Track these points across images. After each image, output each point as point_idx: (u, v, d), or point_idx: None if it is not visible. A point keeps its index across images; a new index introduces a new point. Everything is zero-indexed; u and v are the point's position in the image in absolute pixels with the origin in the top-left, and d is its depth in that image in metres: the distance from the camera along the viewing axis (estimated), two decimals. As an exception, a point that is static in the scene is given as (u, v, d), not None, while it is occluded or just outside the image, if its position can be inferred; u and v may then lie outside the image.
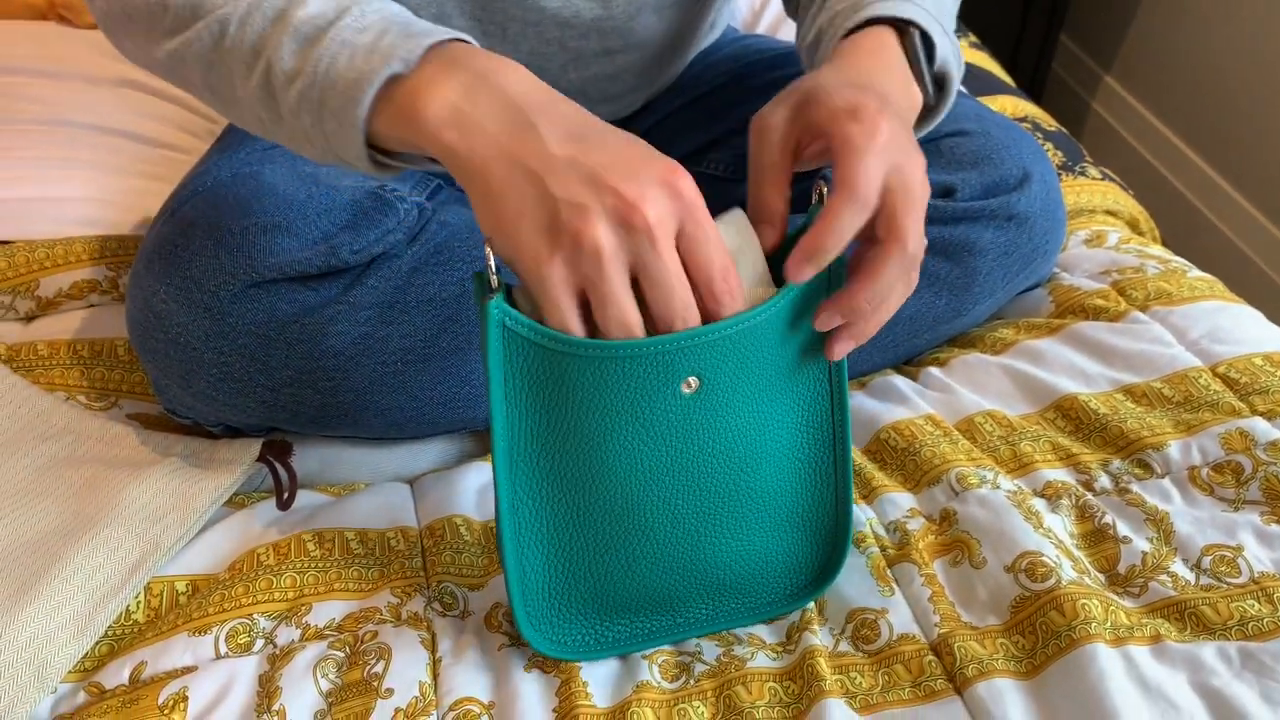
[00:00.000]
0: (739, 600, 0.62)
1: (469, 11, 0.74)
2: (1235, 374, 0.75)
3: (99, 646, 0.61)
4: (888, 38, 0.60)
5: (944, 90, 0.64)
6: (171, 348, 0.67)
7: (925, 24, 0.61)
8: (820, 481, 0.61)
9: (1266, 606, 0.62)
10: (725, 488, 0.58)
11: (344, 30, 0.52)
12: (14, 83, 1.00)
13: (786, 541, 0.62)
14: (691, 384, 0.53)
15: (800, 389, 0.59)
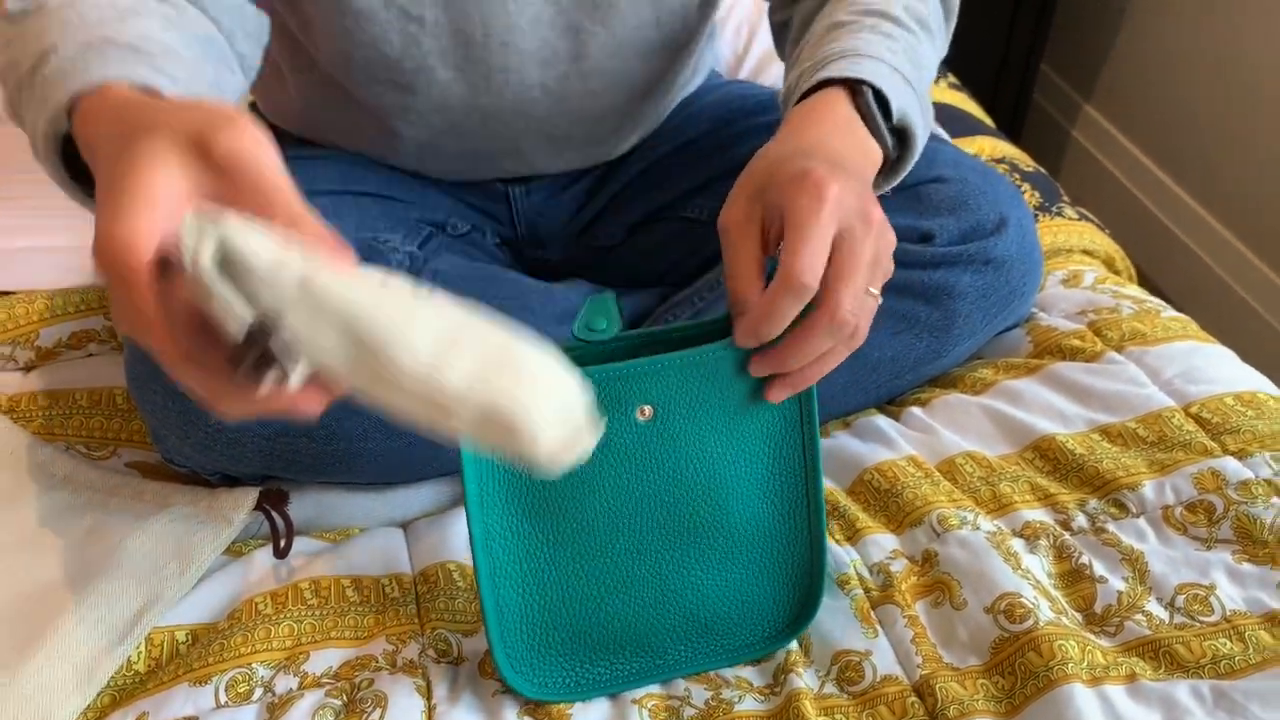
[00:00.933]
0: (716, 641, 0.64)
1: (452, 64, 0.76)
2: (1207, 414, 0.77)
3: (101, 697, 0.62)
4: (838, 98, 0.62)
5: (907, 142, 0.66)
6: (170, 400, 0.69)
7: (877, 81, 0.62)
8: (793, 519, 0.63)
9: (1238, 645, 0.64)
10: (692, 521, 0.60)
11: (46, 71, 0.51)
12: (12, 133, 1.02)
13: (761, 581, 0.63)
14: (646, 412, 0.57)
15: (768, 427, 0.61)
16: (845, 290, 0.53)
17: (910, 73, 0.66)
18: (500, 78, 0.77)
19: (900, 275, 0.78)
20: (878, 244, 0.55)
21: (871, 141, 0.63)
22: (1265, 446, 0.74)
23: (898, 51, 0.66)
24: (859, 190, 0.55)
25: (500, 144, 0.84)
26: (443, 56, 0.76)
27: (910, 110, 0.64)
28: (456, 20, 0.74)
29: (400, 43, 0.74)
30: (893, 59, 0.65)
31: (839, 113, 0.62)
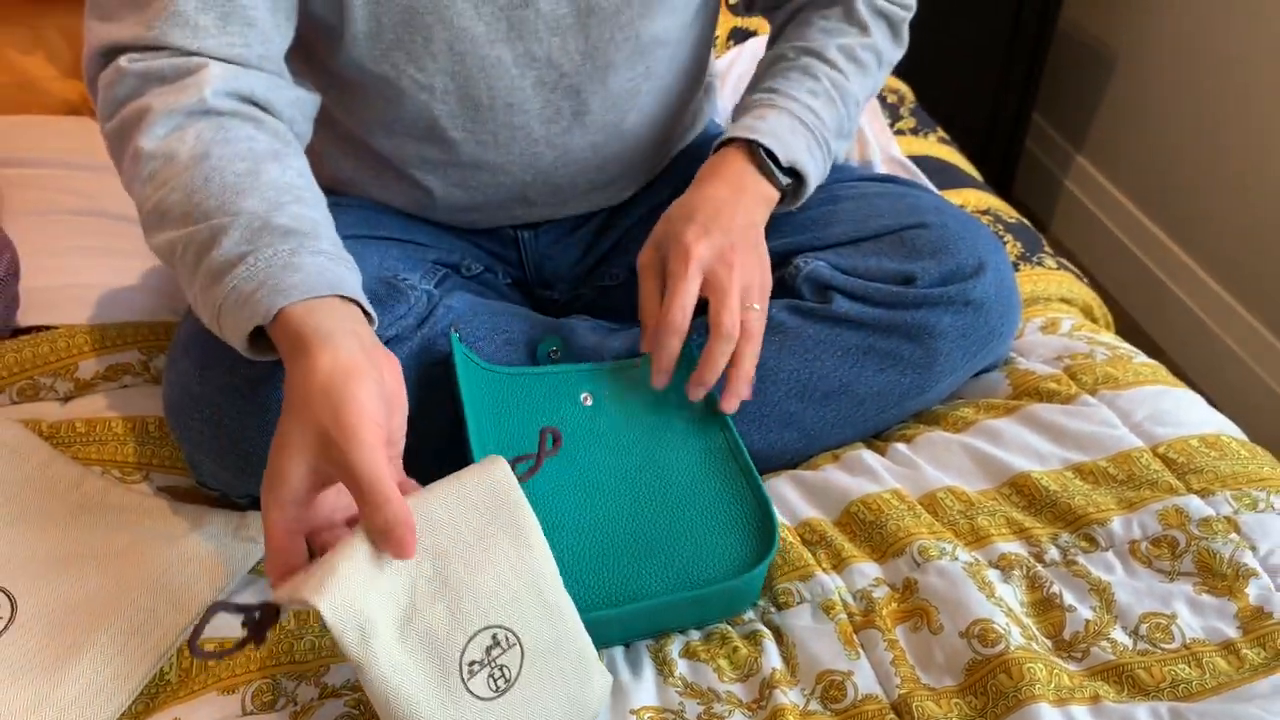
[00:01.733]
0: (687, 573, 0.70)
1: (462, 126, 0.83)
2: (1174, 454, 0.82)
3: (136, 704, 0.67)
4: (735, 155, 0.82)
5: (801, 177, 0.84)
6: (207, 426, 0.74)
7: (769, 141, 0.80)
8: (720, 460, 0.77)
9: (1195, 670, 0.68)
10: (642, 471, 0.76)
11: (236, 279, 0.63)
12: (52, 175, 1.08)
13: (713, 517, 0.74)
14: (587, 399, 0.79)
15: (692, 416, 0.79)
16: (722, 313, 0.74)
17: (823, 110, 0.84)
18: (506, 135, 0.84)
19: (884, 315, 0.83)
20: (745, 274, 0.76)
21: (766, 185, 0.82)
22: (1226, 486, 0.79)
23: (818, 93, 0.85)
24: (721, 241, 0.76)
25: (509, 194, 0.90)
26: (452, 119, 0.82)
27: (801, 156, 0.82)
28: (464, 88, 0.80)
29: (413, 107, 0.80)
30: (803, 102, 0.84)
31: (733, 167, 0.81)
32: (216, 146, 0.66)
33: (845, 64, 0.86)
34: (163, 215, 0.66)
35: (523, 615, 0.59)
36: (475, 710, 0.57)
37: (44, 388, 0.88)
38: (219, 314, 0.64)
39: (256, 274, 0.62)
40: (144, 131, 0.67)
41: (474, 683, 0.57)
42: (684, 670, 0.70)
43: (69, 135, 1.15)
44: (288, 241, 0.64)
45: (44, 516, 0.77)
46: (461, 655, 0.57)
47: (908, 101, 1.38)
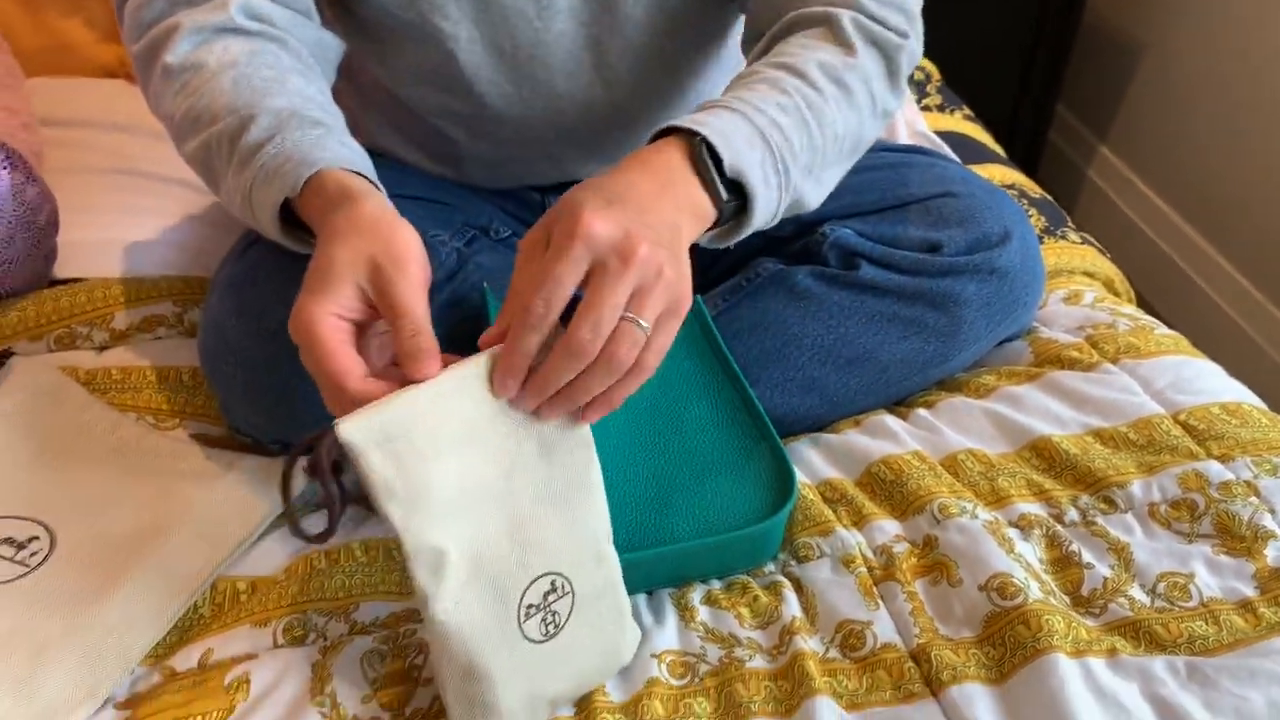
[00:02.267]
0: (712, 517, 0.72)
1: (486, 77, 0.84)
2: (1194, 421, 0.83)
3: (171, 635, 0.68)
4: (671, 147, 0.63)
5: (746, 200, 0.65)
6: (239, 371, 0.76)
7: (712, 136, 0.62)
8: (744, 433, 0.77)
9: (1212, 627, 0.69)
10: (662, 432, 0.76)
11: (264, 158, 0.65)
12: (90, 135, 1.10)
13: (733, 469, 0.75)
14: None
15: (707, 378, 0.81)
16: (583, 319, 0.54)
17: (791, 131, 0.67)
18: (529, 87, 0.85)
19: (910, 282, 0.84)
20: (642, 279, 0.55)
21: (700, 193, 0.63)
22: (1247, 452, 0.79)
23: (788, 109, 0.67)
24: (627, 225, 0.55)
25: (533, 150, 0.91)
26: (477, 70, 0.83)
27: (748, 167, 0.64)
28: (489, 35, 0.81)
29: (438, 55, 0.81)
30: (769, 115, 0.66)
31: (664, 159, 0.63)
32: (244, 56, 0.69)
33: (825, 82, 0.70)
34: (195, 120, 0.68)
35: (579, 563, 0.61)
36: (524, 651, 0.59)
37: (80, 336, 0.90)
38: (249, 193, 0.65)
39: (284, 150, 0.64)
40: (171, 48, 0.69)
41: (528, 625, 0.59)
42: (705, 616, 0.71)
43: (107, 97, 1.17)
44: (315, 129, 0.66)
45: (81, 458, 0.78)
46: (522, 598, 0.58)
47: (934, 79, 1.39)
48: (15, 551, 0.70)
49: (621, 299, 0.54)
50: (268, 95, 0.67)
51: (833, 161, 0.73)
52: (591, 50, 0.83)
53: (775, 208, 0.68)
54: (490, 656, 0.58)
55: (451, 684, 0.59)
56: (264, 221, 0.66)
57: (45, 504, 0.74)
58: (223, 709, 0.63)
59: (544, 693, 0.62)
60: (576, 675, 0.63)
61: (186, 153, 0.71)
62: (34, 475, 0.77)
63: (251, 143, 0.65)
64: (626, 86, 0.86)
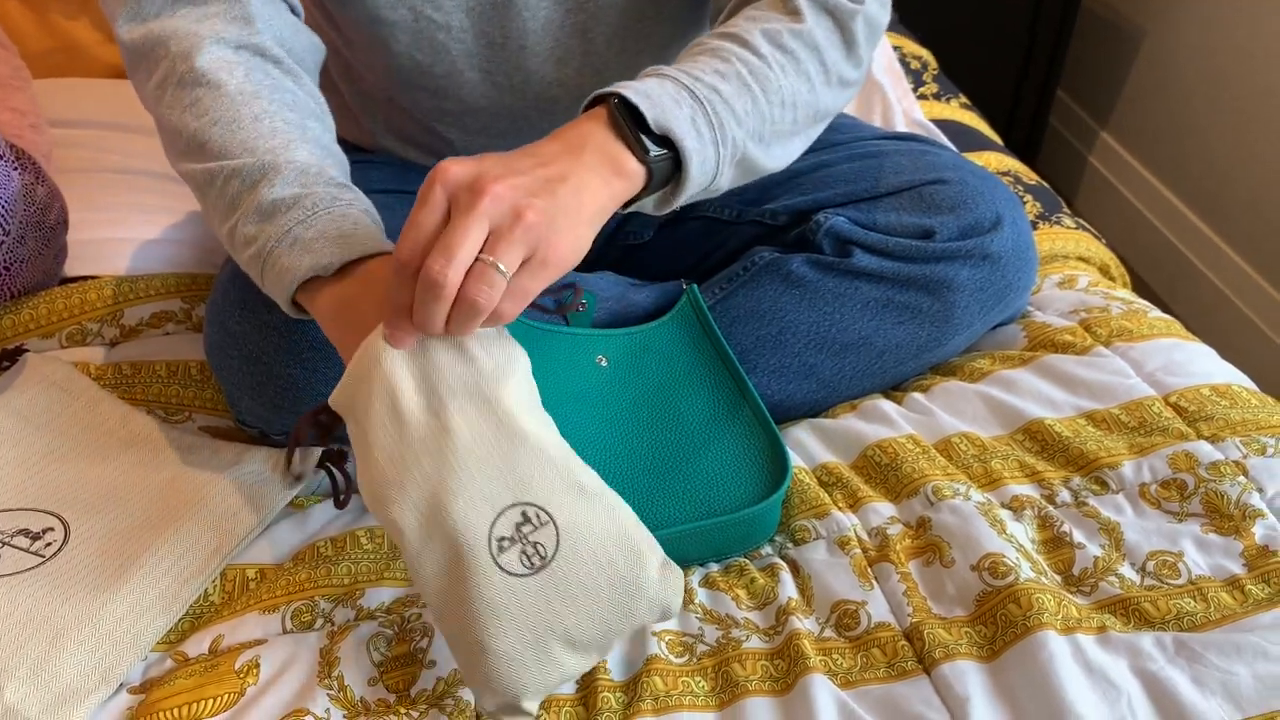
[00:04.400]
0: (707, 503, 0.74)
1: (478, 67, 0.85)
2: (1185, 403, 0.84)
3: (182, 622, 0.70)
4: (594, 115, 0.64)
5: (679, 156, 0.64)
6: (244, 363, 0.78)
7: (632, 96, 0.63)
8: (740, 419, 0.79)
9: (1200, 604, 0.70)
10: (660, 422, 0.78)
11: (291, 222, 0.65)
12: (97, 135, 1.12)
13: (729, 454, 0.77)
14: (603, 361, 0.79)
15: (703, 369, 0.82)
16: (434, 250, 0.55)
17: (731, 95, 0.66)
18: (521, 78, 0.86)
19: (903, 269, 0.85)
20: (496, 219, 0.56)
21: (620, 149, 0.62)
22: (1236, 432, 0.81)
23: (727, 75, 0.67)
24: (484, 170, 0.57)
25: (526, 142, 0.92)
26: (469, 61, 0.84)
27: (673, 121, 0.63)
28: (479, 25, 0.82)
29: (430, 49, 0.83)
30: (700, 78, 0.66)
31: (579, 126, 0.63)
32: (265, 90, 0.69)
33: (769, 49, 0.69)
34: (202, 145, 0.68)
35: (552, 494, 0.61)
36: (510, 587, 0.59)
37: (91, 333, 0.92)
38: (267, 256, 0.65)
39: (315, 222, 0.65)
40: (188, 57, 0.68)
41: (505, 558, 0.59)
42: (703, 598, 0.73)
43: (114, 98, 1.19)
44: (344, 190, 0.67)
45: (93, 450, 0.80)
46: (490, 531, 0.59)
47: (931, 68, 1.40)
48: (31, 542, 0.72)
49: (471, 235, 0.55)
50: (290, 146, 0.67)
51: (788, 129, 0.72)
52: (579, 37, 0.84)
53: (715, 164, 0.66)
54: (468, 595, 0.58)
55: (448, 632, 0.60)
56: (274, 285, 0.66)
57: (59, 496, 0.76)
58: (233, 693, 0.65)
59: (552, 633, 0.60)
60: (591, 615, 0.61)
61: (182, 170, 0.70)
62: (48, 468, 0.79)
63: (276, 199, 0.65)
64: (615, 72, 0.88)
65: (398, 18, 0.80)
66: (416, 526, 0.59)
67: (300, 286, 0.65)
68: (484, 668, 0.60)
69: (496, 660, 0.59)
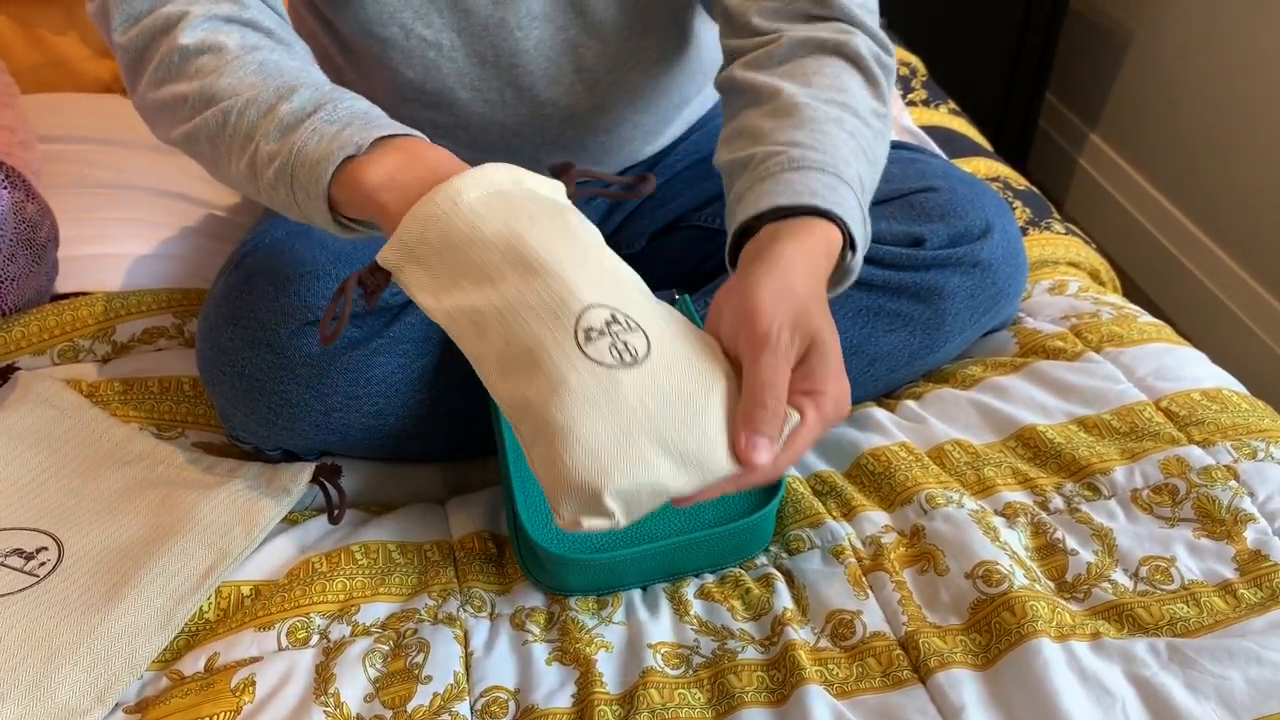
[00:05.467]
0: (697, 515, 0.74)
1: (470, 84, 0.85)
2: (1176, 408, 0.84)
3: (177, 640, 0.70)
4: (820, 235, 0.64)
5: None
6: (238, 380, 0.78)
7: (851, 223, 0.65)
8: None
9: (1193, 609, 0.70)
10: None
11: (317, 121, 0.64)
12: (86, 150, 1.12)
13: None
14: None
15: None
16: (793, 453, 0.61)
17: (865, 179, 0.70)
18: (513, 94, 0.86)
19: (894, 277, 0.86)
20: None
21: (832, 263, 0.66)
22: (1227, 436, 0.81)
23: (858, 154, 0.69)
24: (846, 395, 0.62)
25: (521, 158, 0.93)
26: (460, 78, 0.84)
27: (861, 233, 0.67)
28: (470, 43, 0.82)
29: (422, 66, 0.83)
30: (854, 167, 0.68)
31: (819, 249, 0.64)
32: (264, 44, 0.69)
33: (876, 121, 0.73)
34: (211, 96, 0.66)
35: (631, 303, 0.58)
36: (598, 376, 0.55)
37: (83, 350, 0.92)
38: (294, 160, 0.63)
39: (339, 117, 0.64)
40: (184, 30, 0.68)
41: (594, 348, 0.56)
42: (699, 610, 0.73)
43: (102, 112, 1.19)
44: (360, 101, 0.66)
45: (87, 468, 0.80)
46: (576, 322, 0.56)
47: (920, 74, 1.41)
48: (25, 562, 0.72)
49: None
50: (301, 73, 0.67)
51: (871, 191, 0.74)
52: (570, 55, 0.85)
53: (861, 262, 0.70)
54: (552, 380, 0.55)
55: (526, 432, 0.56)
56: (306, 186, 0.63)
57: (52, 515, 0.76)
58: (229, 710, 0.65)
59: (643, 429, 0.55)
60: (686, 422, 0.56)
61: (192, 128, 0.68)
62: (41, 487, 0.78)
63: (297, 109, 0.64)
64: (607, 88, 0.88)
65: (389, 35, 0.80)
66: (500, 329, 0.56)
67: (335, 182, 0.63)
68: (565, 457, 0.54)
69: (578, 448, 0.54)
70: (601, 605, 0.73)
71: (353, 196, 0.63)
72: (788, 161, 0.66)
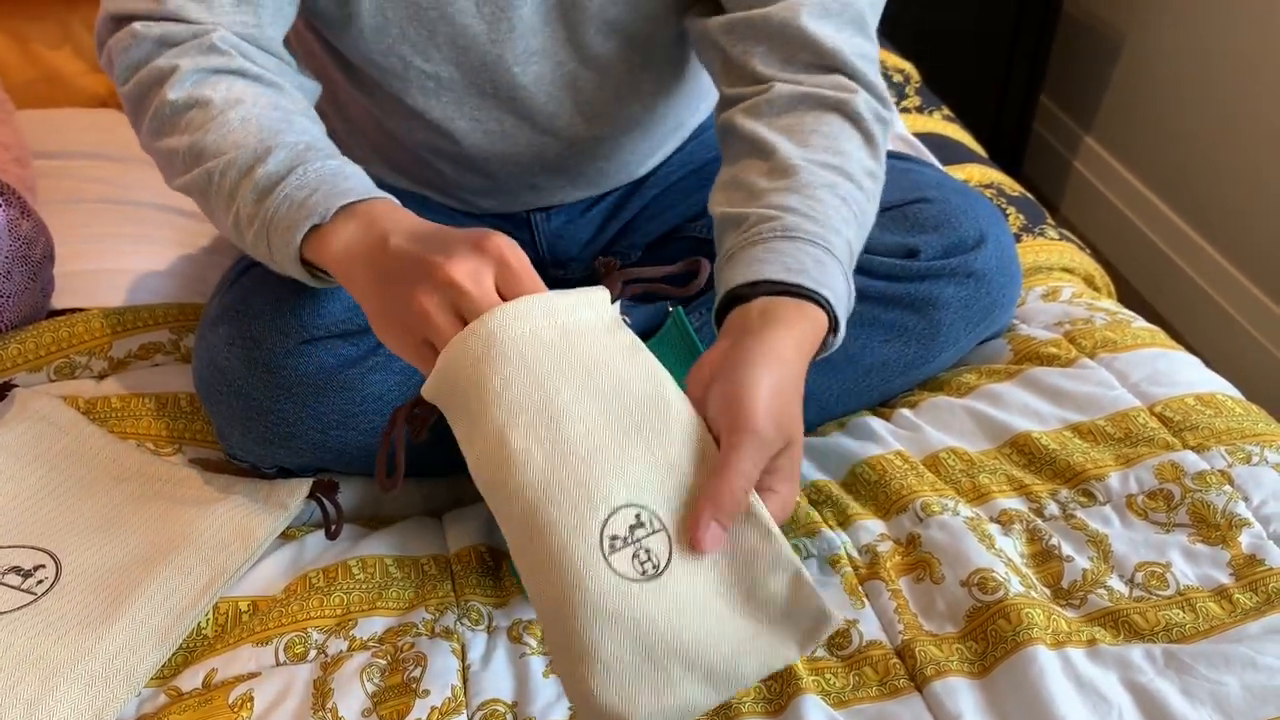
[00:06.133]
0: None
1: (469, 115, 0.86)
2: (1170, 413, 0.84)
3: (175, 656, 0.70)
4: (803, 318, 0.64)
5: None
6: (234, 398, 0.78)
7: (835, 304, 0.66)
8: None
9: (1189, 615, 0.71)
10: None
11: (288, 187, 0.66)
12: (82, 165, 1.12)
13: None
14: None
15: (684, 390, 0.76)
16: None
17: (854, 245, 0.71)
18: (512, 124, 0.86)
19: (888, 288, 0.86)
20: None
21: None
22: (1221, 441, 0.81)
23: (849, 221, 0.70)
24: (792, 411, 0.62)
25: (518, 182, 0.93)
26: (460, 107, 0.85)
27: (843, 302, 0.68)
28: (469, 76, 0.83)
29: (421, 94, 0.83)
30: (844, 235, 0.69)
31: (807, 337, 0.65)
32: (249, 95, 0.70)
33: (868, 185, 0.74)
34: (199, 154, 0.69)
35: (666, 501, 0.57)
36: (621, 590, 0.54)
37: (79, 366, 0.92)
38: (269, 224, 0.66)
39: (308, 182, 0.65)
40: (173, 84, 0.70)
41: (617, 559, 0.55)
42: (695, 621, 0.73)
43: (97, 127, 1.19)
44: (334, 158, 0.67)
45: (84, 485, 0.80)
46: (603, 527, 0.55)
47: (913, 81, 1.41)
48: (22, 580, 0.72)
49: None
50: (280, 132, 0.68)
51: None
52: (569, 90, 0.85)
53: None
54: (576, 596, 0.53)
55: (552, 641, 0.56)
56: (281, 250, 0.66)
57: (50, 532, 0.76)
58: (228, 727, 0.65)
59: (670, 650, 0.54)
60: (714, 636, 0.55)
61: (182, 183, 0.71)
62: (38, 505, 0.79)
63: (270, 173, 0.66)
64: (606, 120, 0.88)
65: (389, 65, 0.81)
66: (524, 518, 0.55)
67: (309, 245, 0.65)
68: (589, 682, 0.53)
69: (604, 673, 0.53)
70: (598, 617, 0.73)
71: (323, 261, 0.66)
72: (781, 229, 0.67)
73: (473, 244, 0.59)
